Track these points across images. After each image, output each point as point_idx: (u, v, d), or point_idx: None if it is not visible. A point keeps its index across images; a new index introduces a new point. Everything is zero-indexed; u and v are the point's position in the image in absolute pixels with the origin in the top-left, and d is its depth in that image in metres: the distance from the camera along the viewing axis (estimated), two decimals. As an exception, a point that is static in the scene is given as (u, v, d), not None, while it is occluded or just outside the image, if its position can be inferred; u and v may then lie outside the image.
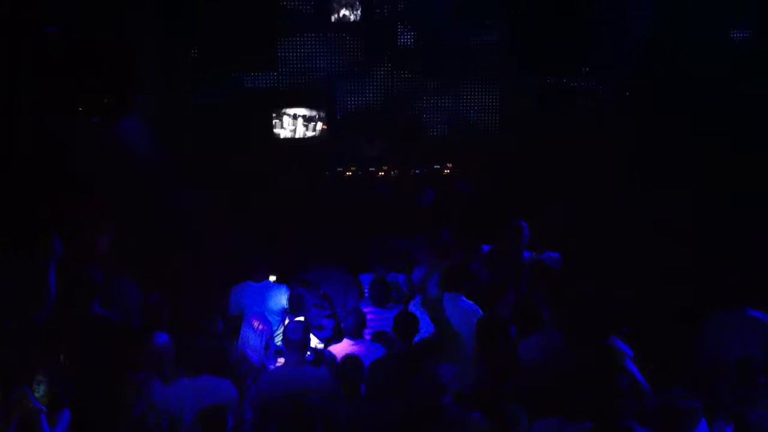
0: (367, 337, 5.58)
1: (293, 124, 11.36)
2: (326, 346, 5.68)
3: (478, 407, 4.20)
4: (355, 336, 5.34)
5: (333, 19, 10.23)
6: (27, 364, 4.37)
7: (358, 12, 10.29)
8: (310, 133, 11.33)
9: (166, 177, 7.82)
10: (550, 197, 7.96)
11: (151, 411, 4.44)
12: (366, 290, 6.31)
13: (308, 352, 5.18)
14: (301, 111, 11.31)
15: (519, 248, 6.40)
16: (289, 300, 6.02)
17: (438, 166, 11.41)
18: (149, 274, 6.30)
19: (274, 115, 11.07)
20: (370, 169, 11.33)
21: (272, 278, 6.52)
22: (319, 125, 11.33)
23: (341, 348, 5.34)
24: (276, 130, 11.18)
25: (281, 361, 5.36)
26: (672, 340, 5.08)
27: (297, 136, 11.26)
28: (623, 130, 7.97)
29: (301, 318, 5.72)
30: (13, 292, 5.22)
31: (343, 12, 10.40)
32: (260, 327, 5.44)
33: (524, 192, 8.42)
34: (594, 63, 8.26)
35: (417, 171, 11.42)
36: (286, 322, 5.70)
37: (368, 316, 5.64)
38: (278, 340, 5.79)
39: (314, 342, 5.47)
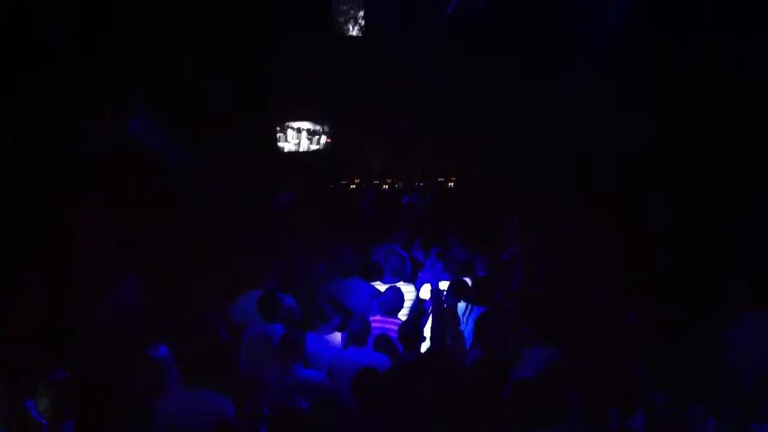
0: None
1: (297, 138, 11.43)
2: None
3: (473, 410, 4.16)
4: (360, 344, 5.29)
5: (338, 32, 10.31)
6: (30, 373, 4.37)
7: (362, 25, 10.35)
8: (314, 147, 11.39)
9: (173, 180, 7.82)
10: (552, 201, 7.88)
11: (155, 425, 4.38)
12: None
13: None
14: (305, 125, 11.39)
15: (524, 254, 6.37)
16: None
17: (442, 179, 11.47)
18: (152, 278, 6.24)
19: (278, 128, 11.15)
20: (374, 181, 11.38)
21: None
22: (323, 138, 11.39)
23: (345, 356, 5.29)
24: (280, 144, 11.24)
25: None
26: (685, 344, 4.96)
27: (301, 149, 11.33)
28: (622, 130, 7.93)
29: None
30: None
31: (346, 26, 10.48)
32: (267, 337, 5.38)
33: (525, 197, 8.35)
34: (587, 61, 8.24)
35: (421, 184, 11.47)
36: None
37: (375, 325, 5.60)
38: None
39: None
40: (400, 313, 5.88)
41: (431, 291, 5.58)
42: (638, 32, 7.65)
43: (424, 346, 5.44)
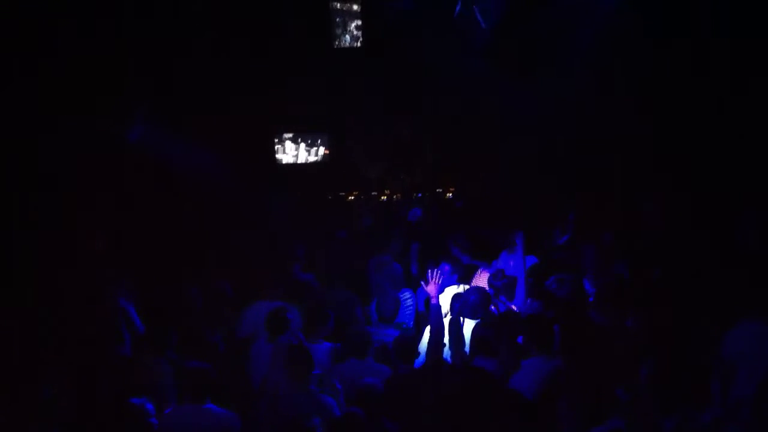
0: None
1: (295, 149, 11.42)
2: None
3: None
4: (360, 356, 5.28)
5: (335, 45, 10.35)
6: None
7: (360, 38, 10.40)
8: (312, 158, 11.39)
9: (172, 185, 7.82)
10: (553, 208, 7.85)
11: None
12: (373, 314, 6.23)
13: None
14: (304, 135, 11.37)
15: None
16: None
17: (440, 190, 11.45)
18: (149, 284, 6.21)
19: (276, 140, 11.14)
20: (372, 193, 11.36)
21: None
22: (322, 150, 11.38)
23: (346, 369, 5.28)
24: (278, 156, 11.23)
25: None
26: (684, 349, 4.91)
27: (299, 161, 11.31)
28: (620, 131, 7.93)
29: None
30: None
31: (345, 38, 10.52)
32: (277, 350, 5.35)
33: (526, 205, 8.33)
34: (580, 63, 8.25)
35: (419, 195, 11.46)
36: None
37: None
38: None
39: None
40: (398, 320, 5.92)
41: (431, 306, 5.58)
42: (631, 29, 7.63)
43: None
